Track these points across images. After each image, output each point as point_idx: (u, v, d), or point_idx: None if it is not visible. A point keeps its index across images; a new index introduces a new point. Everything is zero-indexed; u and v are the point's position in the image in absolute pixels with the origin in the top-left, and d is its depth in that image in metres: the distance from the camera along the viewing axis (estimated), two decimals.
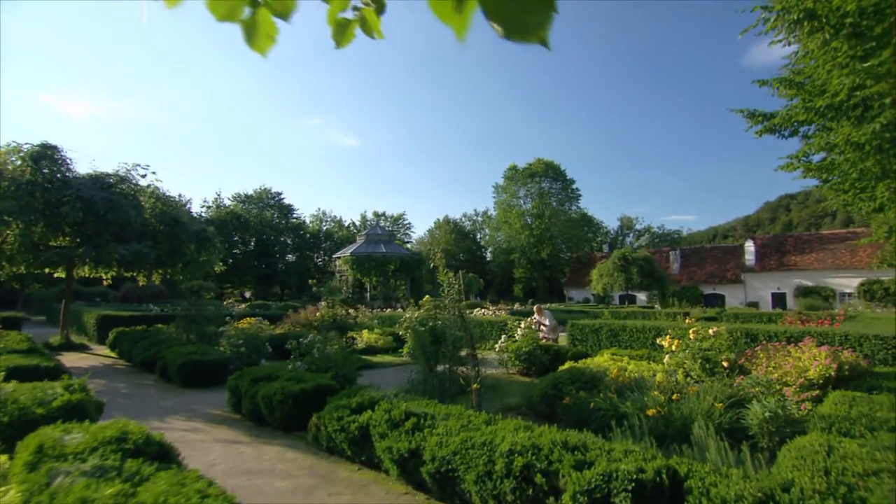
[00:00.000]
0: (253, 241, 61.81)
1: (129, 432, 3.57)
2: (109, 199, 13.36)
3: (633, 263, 36.97)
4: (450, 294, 6.32)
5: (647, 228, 77.44)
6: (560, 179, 65.90)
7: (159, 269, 16.22)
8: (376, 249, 34.68)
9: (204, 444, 5.52)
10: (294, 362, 7.44)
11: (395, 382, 9.74)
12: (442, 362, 6.35)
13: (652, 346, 12.33)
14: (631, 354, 10.33)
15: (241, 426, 6.33)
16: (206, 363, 8.87)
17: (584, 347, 13.23)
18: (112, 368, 11.17)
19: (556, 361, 10.76)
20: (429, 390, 6.16)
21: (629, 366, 9.11)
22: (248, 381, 6.60)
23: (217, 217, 59.24)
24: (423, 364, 6.29)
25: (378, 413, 4.72)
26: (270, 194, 66.47)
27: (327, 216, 74.44)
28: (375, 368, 11.67)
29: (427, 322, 8.91)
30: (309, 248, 66.82)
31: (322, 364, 7.33)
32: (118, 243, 13.25)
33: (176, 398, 8.05)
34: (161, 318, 15.64)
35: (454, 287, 6.29)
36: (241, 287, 60.75)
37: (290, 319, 16.32)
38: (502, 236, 67.55)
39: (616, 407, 6.08)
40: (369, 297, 34.15)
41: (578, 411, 6.42)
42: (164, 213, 15.05)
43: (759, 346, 7.90)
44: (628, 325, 12.86)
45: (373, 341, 14.60)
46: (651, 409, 5.76)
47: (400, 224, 73.35)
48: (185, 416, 6.79)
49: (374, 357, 13.43)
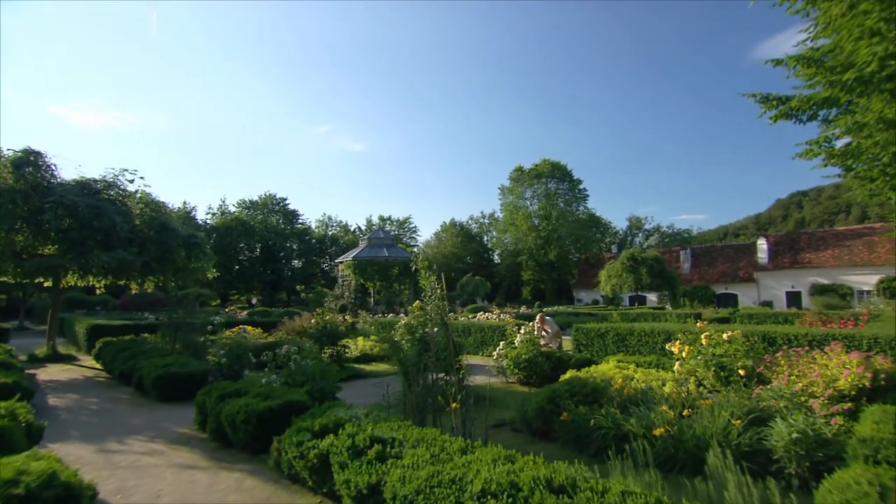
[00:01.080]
0: (258, 247, 61.67)
1: (27, 472, 2.99)
2: (94, 205, 12.92)
3: (643, 264, 36.05)
4: (432, 299, 5.71)
5: (656, 228, 76.18)
6: (567, 180, 65.00)
7: (150, 277, 15.76)
8: (379, 253, 34.13)
9: (156, 470, 4.94)
10: (269, 375, 6.85)
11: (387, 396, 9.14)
12: (426, 374, 5.72)
13: (661, 351, 11.61)
14: (638, 361, 9.63)
15: (205, 448, 5.75)
16: (183, 376, 8.31)
17: (589, 353, 12.52)
18: (92, 381, 10.67)
19: (557, 370, 10.08)
20: (409, 408, 5.53)
21: (636, 374, 8.42)
22: (214, 398, 6.03)
23: (222, 224, 59.20)
24: (402, 377, 5.66)
25: (341, 438, 4.10)
26: (275, 200, 66.33)
27: (333, 221, 74.25)
28: (367, 378, 11.05)
29: (416, 329, 8.30)
30: (315, 254, 66.54)
31: (298, 377, 6.74)
32: (103, 251, 12.80)
33: (147, 414, 7.50)
34: (153, 327, 15.17)
35: (436, 291, 5.68)
36: (247, 293, 60.58)
37: (285, 327, 15.77)
38: (509, 238, 66.77)
39: (619, 425, 5.41)
40: (372, 302, 33.59)
41: (577, 429, 5.76)
42: (152, 219, 14.60)
43: (780, 351, 7.16)
44: (636, 328, 12.13)
45: (368, 349, 14.00)
46: (658, 427, 5.08)
47: (406, 227, 72.89)
48: (149, 436, 6.22)
49: (367, 365, 12.82)
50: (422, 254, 6.10)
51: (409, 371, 5.55)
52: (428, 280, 5.90)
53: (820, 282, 43.06)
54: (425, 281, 5.92)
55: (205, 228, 57.48)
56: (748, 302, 44.98)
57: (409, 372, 5.55)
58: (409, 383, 5.53)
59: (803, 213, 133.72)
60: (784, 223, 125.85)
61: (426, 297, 5.88)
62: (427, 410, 5.44)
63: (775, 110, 7.88)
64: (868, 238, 43.28)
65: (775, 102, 7.82)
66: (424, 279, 5.89)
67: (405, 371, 5.57)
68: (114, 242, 13.24)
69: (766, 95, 7.96)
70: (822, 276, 43.19)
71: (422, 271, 5.98)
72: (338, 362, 11.51)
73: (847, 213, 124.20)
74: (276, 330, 15.55)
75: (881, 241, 42.08)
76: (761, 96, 8.00)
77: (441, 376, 5.88)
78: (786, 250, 46.37)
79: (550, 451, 5.73)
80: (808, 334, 9.49)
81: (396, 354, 5.70)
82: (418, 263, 6.12)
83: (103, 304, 30.75)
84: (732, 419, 5.05)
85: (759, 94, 8.01)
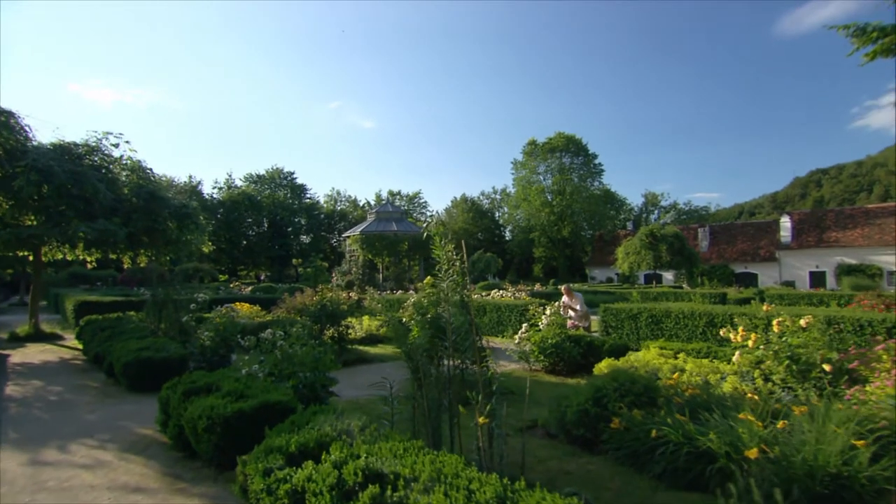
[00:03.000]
0: (266, 222, 60.70)
1: None
2: (73, 171, 11.73)
3: (662, 241, 34.44)
4: (449, 273, 4.43)
5: (673, 205, 73.92)
6: (582, 154, 62.78)
7: (142, 251, 14.65)
8: (387, 227, 32.81)
9: (90, 495, 3.80)
10: (251, 364, 5.68)
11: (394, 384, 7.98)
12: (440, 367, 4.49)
13: (702, 336, 10.31)
14: (683, 348, 8.33)
15: (163, 459, 4.60)
16: (158, 362, 7.19)
17: (618, 336, 11.25)
18: (66, 365, 9.65)
19: (588, 356, 8.85)
20: (419, 415, 4.31)
21: (686, 365, 7.15)
22: (179, 393, 4.86)
23: (228, 198, 58.19)
24: (410, 372, 4.42)
25: (323, 469, 2.89)
26: (283, 174, 65.05)
27: (342, 196, 73.00)
28: (371, 363, 9.91)
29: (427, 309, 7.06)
30: (324, 229, 65.52)
31: (285, 368, 5.56)
32: (84, 220, 11.65)
33: (110, 409, 6.39)
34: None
35: (455, 265, 4.40)
36: (255, 269, 59.96)
37: (286, 304, 14.67)
38: (521, 214, 65.04)
39: (692, 439, 4.16)
40: (381, 279, 32.51)
41: (634, 441, 4.51)
42: (139, 187, 13.38)
43: (881, 344, 5.80)
44: (673, 309, 10.81)
45: (374, 329, 12.86)
46: (751, 448, 3.81)
47: (415, 203, 71.43)
48: (100, 441, 5.10)
49: (372, 347, 11.69)
50: (436, 218, 4.77)
51: (417, 363, 4.31)
52: (443, 250, 4.60)
53: (847, 261, 41.20)
54: (440, 251, 4.62)
55: (211, 203, 56.51)
56: (768, 282, 43.30)
57: (419, 364, 4.31)
58: (418, 381, 4.30)
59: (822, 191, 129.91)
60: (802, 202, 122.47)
61: (441, 271, 4.59)
62: (442, 420, 4.22)
63: (873, 45, 6.34)
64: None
65: (875, 35, 6.27)
66: (439, 248, 4.59)
67: (413, 363, 4.33)
68: (96, 212, 12.08)
69: (861, 27, 6.41)
70: (850, 255, 41.31)
71: (436, 239, 4.67)
72: (339, 344, 10.38)
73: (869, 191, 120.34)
74: (276, 308, 14.45)
75: None
76: (855, 28, 6.45)
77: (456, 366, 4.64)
78: (811, 228, 44.35)
79: (600, 468, 4.51)
80: (885, 320, 8.11)
81: (401, 341, 4.45)
82: (432, 229, 4.80)
83: (106, 279, 30.00)
84: (852, 438, 3.77)
85: (853, 26, 6.46)
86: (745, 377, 6.54)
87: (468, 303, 4.47)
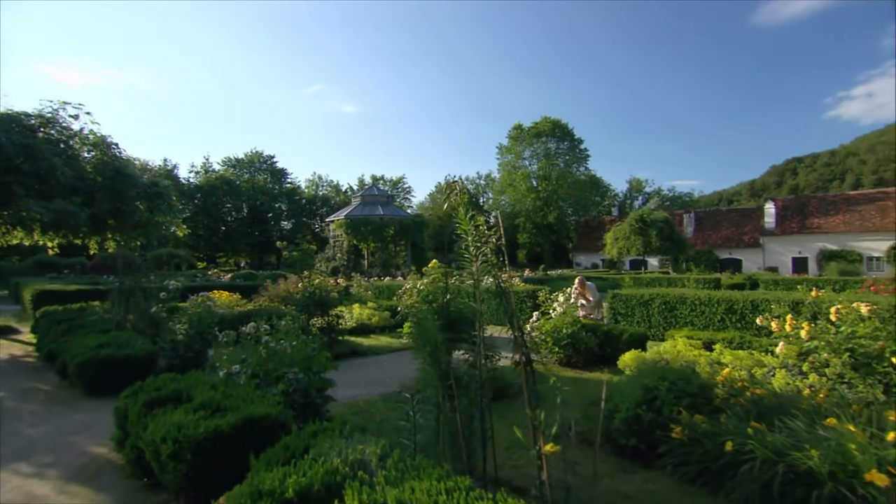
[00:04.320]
0: (245, 207, 58.69)
1: None
2: (23, 143, 10.38)
3: (652, 226, 34.06)
4: (479, 254, 3.54)
5: (657, 191, 73.97)
6: (567, 139, 62.14)
7: (110, 235, 13.36)
8: (373, 212, 31.62)
9: None
10: (229, 364, 4.71)
11: (393, 381, 7.10)
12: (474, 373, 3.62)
13: (721, 323, 9.65)
14: (711, 338, 7.60)
15: (117, 491, 3.64)
16: (119, 360, 6.15)
17: (628, 324, 10.55)
18: (16, 363, 8.49)
19: (606, 347, 8.09)
20: (446, 437, 3.41)
21: (723, 357, 6.41)
22: (140, 405, 3.88)
23: (206, 183, 55.98)
24: (436, 385, 3.50)
25: None
26: (262, 158, 62.89)
27: (323, 181, 71.14)
28: (366, 356, 9.01)
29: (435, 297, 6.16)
30: (305, 214, 63.74)
31: (272, 369, 4.62)
32: (38, 200, 10.36)
33: (57, 420, 5.35)
34: None
35: (490, 241, 3.50)
36: (234, 256, 58.07)
37: (268, 292, 13.60)
38: (506, 199, 64.29)
39: (782, 455, 3.37)
40: (367, 265, 31.43)
41: (703, 457, 3.72)
42: (104, 164, 12.07)
43: None
44: (688, 296, 10.12)
45: (365, 318, 11.92)
46: (868, 469, 3.03)
47: (399, 188, 70.03)
48: (39, 465, 4.10)
49: (365, 338, 10.75)
50: (459, 186, 3.84)
51: (446, 366, 3.41)
52: (470, 223, 3.70)
53: (829, 247, 41.60)
54: (466, 225, 3.71)
55: (188, 187, 54.26)
56: (752, 267, 43.55)
57: (447, 367, 3.42)
58: (446, 389, 3.40)
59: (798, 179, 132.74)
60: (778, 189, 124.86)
61: (469, 249, 3.69)
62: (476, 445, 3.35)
63: None
64: (882, 203, 41.62)
65: None
66: (465, 222, 3.68)
67: (439, 366, 3.43)
68: (52, 191, 10.79)
69: None
70: (832, 241, 41.72)
71: (460, 211, 3.75)
72: (329, 335, 9.42)
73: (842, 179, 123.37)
74: (258, 296, 13.38)
75: (894, 207, 40.45)
76: None
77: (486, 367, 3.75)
78: (794, 215, 44.65)
79: (664, 489, 3.71)
80: None
81: (425, 339, 3.53)
82: (454, 198, 3.88)
83: (75, 267, 28.26)
84: None
85: None
86: (791, 370, 5.85)
87: (507, 290, 3.58)
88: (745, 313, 9.31)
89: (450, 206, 3.89)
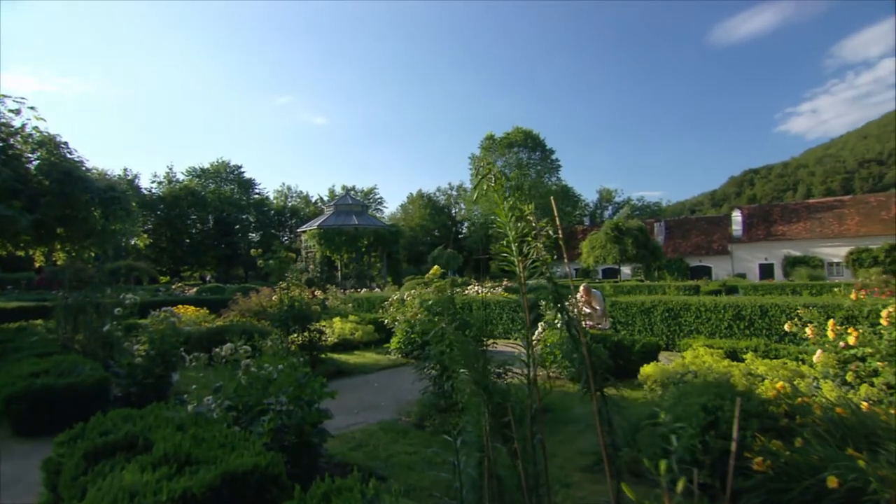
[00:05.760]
0: (211, 218, 56.35)
1: None
2: None
3: (628, 234, 34.21)
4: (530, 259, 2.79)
5: (626, 201, 75.35)
6: (539, 149, 62.63)
7: (59, 244, 12.00)
8: (347, 221, 30.53)
9: None
10: (199, 396, 3.79)
11: (389, 404, 6.25)
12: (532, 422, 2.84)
13: (728, 329, 9.20)
14: (734, 347, 7.07)
15: None
16: (60, 391, 5.08)
17: (629, 333, 10.00)
18: None
19: (618, 358, 7.44)
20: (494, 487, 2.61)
21: (758, 368, 5.86)
22: (79, 457, 2.93)
23: (169, 193, 53.54)
24: (478, 419, 2.69)
25: None
26: (229, 168, 60.73)
27: (293, 192, 69.23)
28: (353, 376, 8.11)
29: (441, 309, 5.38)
30: (273, 226, 61.76)
31: (255, 400, 3.72)
32: None
33: None
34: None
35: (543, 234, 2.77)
36: (200, 269, 55.55)
37: (238, 307, 12.50)
38: (479, 210, 64.08)
39: None
40: (340, 277, 30.25)
41: (803, 495, 3.05)
42: (51, 165, 10.80)
43: None
44: (692, 302, 9.66)
45: (348, 333, 10.98)
46: None
47: (371, 199, 68.86)
48: None
49: (350, 356, 9.82)
50: (493, 167, 3.08)
51: (501, 399, 2.62)
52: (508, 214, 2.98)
53: (793, 254, 42.91)
54: (504, 217, 2.98)
55: (150, 198, 51.70)
56: (722, 274, 44.44)
57: (502, 400, 2.63)
58: (499, 430, 2.61)
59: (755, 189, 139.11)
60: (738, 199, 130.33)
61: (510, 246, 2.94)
62: None
63: None
64: (838, 211, 43.37)
65: None
66: (503, 214, 2.95)
67: (488, 397, 2.64)
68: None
69: None
70: (795, 248, 43.10)
71: (497, 198, 3.02)
72: (311, 353, 8.46)
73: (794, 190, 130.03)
74: (227, 310, 12.26)
75: (850, 214, 42.21)
76: None
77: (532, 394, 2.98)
78: (759, 222, 46.00)
79: None
80: None
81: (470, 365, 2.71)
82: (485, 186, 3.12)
83: (19, 282, 26.03)
84: None
85: None
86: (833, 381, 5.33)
87: (567, 299, 2.84)
88: (753, 319, 8.89)
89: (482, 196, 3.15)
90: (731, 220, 47.65)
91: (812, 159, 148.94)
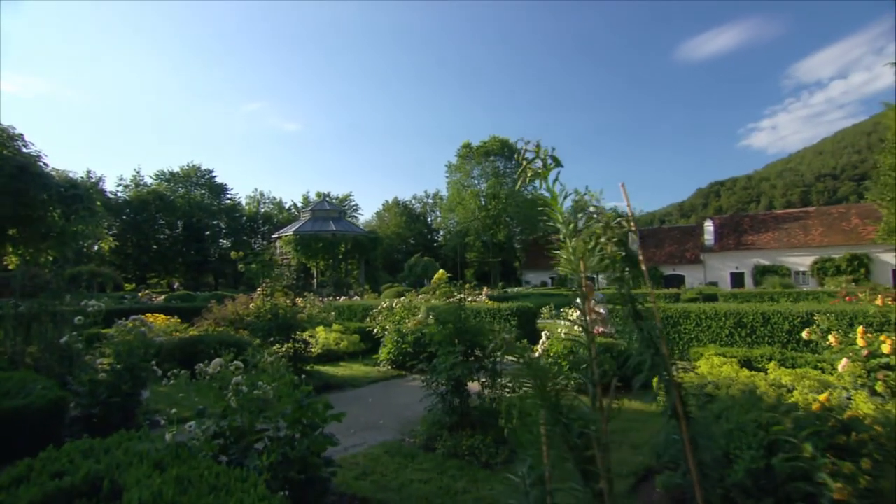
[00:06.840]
0: (181, 224, 54.25)
1: None
2: None
3: None
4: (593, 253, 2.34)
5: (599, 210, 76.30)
6: (515, 158, 62.92)
7: (11, 247, 11.00)
8: (325, 227, 29.63)
9: None
10: (176, 423, 3.15)
11: (388, 423, 5.67)
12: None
13: (729, 337, 8.98)
14: (748, 355, 6.78)
15: None
16: (6, 415, 4.33)
17: (626, 342, 9.69)
18: None
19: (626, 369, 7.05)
20: None
21: (783, 378, 5.55)
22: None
23: (136, 197, 51.32)
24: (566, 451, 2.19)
25: None
26: (200, 172, 58.77)
27: (265, 197, 67.52)
28: (343, 390, 7.48)
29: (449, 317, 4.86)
30: (245, 233, 59.99)
31: (247, 425, 3.12)
32: None
33: None
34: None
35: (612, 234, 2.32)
36: (168, 276, 53.29)
37: (213, 315, 11.67)
38: (455, 218, 63.84)
39: None
40: (316, 284, 29.30)
41: None
42: (3, 159, 9.89)
43: None
44: (692, 309, 9.42)
45: (332, 343, 10.32)
46: None
47: (347, 205, 67.79)
48: None
49: (336, 367, 9.18)
50: (544, 151, 2.62)
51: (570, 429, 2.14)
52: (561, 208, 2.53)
53: (762, 263, 44.10)
54: (557, 207, 2.55)
55: (116, 202, 49.41)
56: (695, 283, 45.30)
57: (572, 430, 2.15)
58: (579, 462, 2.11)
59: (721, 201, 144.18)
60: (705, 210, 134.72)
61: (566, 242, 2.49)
62: None
63: None
64: (804, 221, 44.84)
65: None
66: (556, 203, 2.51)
67: (564, 427, 2.15)
68: None
69: None
70: (764, 257, 44.31)
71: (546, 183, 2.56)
72: (296, 365, 7.80)
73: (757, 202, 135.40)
74: (200, 319, 11.41)
75: (814, 225, 43.73)
76: None
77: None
78: (730, 232, 47.16)
79: None
80: None
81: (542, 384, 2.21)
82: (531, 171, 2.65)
83: None
84: None
85: None
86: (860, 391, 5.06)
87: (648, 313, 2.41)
88: (755, 327, 8.69)
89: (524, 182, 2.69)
90: (704, 230, 48.73)
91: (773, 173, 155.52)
